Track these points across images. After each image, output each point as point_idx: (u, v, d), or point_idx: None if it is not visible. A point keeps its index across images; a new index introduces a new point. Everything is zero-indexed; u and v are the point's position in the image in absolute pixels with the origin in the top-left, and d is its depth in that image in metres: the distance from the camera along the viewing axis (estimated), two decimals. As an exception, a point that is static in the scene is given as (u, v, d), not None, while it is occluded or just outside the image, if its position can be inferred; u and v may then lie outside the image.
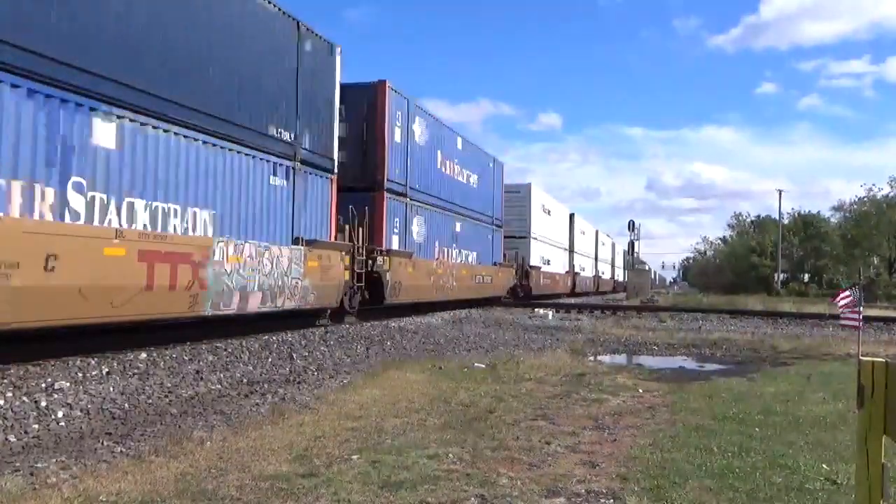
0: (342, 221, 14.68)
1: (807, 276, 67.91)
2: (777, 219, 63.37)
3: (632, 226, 49.21)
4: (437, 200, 20.63)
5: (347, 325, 15.12)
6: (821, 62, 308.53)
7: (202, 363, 9.14)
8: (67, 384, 7.11)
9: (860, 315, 11.24)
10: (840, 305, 11.87)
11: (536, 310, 24.59)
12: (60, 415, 6.20)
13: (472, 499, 4.20)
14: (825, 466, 5.07)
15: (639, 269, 49.24)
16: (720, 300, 38.13)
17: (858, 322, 11.23)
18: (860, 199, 61.72)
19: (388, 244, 16.93)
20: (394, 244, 17.30)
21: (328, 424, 6.08)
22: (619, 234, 76.93)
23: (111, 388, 7.24)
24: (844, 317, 11.75)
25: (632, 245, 49.40)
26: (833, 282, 60.49)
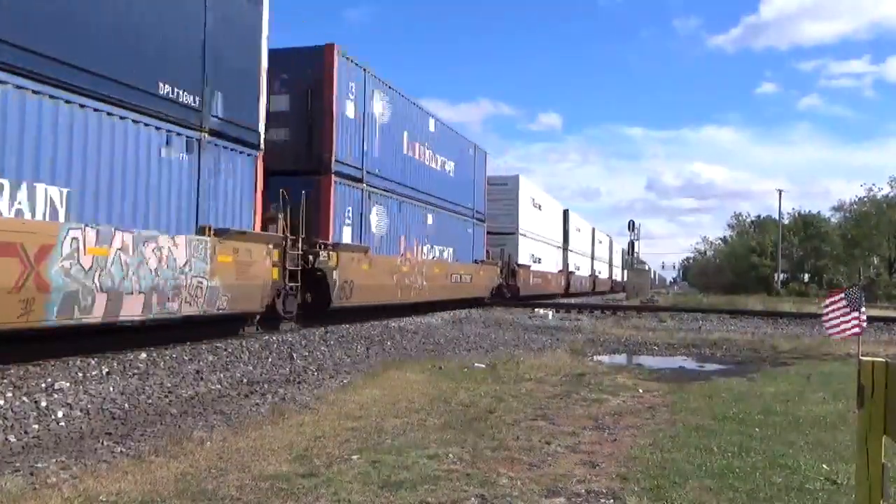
0: (277, 209, 12.51)
1: (807, 276, 67.94)
2: (777, 219, 63.40)
3: (632, 226, 49.30)
4: (404, 188, 18.27)
5: (347, 326, 14.92)
6: (821, 62, 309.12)
7: (202, 363, 9.15)
8: (67, 384, 7.11)
9: (861, 318, 10.15)
10: (826, 309, 10.52)
11: (536, 310, 24.59)
12: (60, 415, 6.20)
13: (472, 499, 4.20)
14: (825, 466, 5.07)
15: (638, 269, 49.26)
16: (720, 300, 38.18)
17: (859, 328, 10.15)
18: (860, 199, 61.85)
19: (338, 237, 14.63)
20: (345, 237, 14.98)
21: (328, 424, 6.08)
22: (619, 234, 76.96)
23: (111, 388, 7.24)
24: (831, 323, 10.39)
25: (632, 245, 49.44)
26: (833, 282, 60.50)
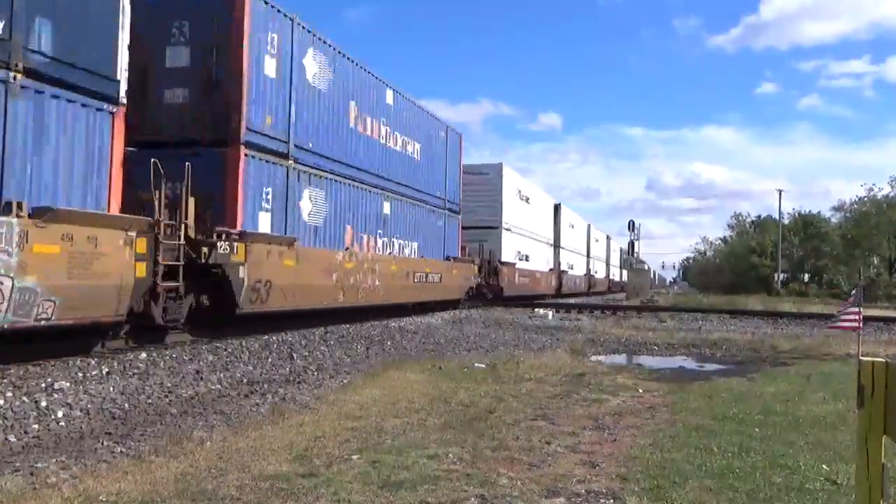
0: (167, 189, 9.56)
1: (807, 277, 67.98)
2: (777, 219, 63.41)
3: (632, 226, 49.41)
4: (350, 170, 15.21)
5: (347, 326, 14.85)
6: (821, 62, 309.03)
7: (202, 363, 9.15)
8: (67, 384, 7.11)
9: (860, 316, 11.15)
10: (841, 312, 11.82)
11: (536, 310, 24.61)
12: (60, 415, 6.20)
13: (472, 499, 4.20)
14: (825, 466, 5.07)
15: (638, 269, 49.28)
16: (720, 300, 38.18)
17: (858, 324, 11.12)
18: (860, 199, 61.86)
19: (250, 224, 11.65)
20: (262, 225, 12.03)
21: (328, 424, 6.08)
22: (620, 235, 76.81)
23: (111, 388, 7.24)
24: (839, 321, 11.67)
25: (632, 245, 49.51)
26: (833, 282, 60.53)
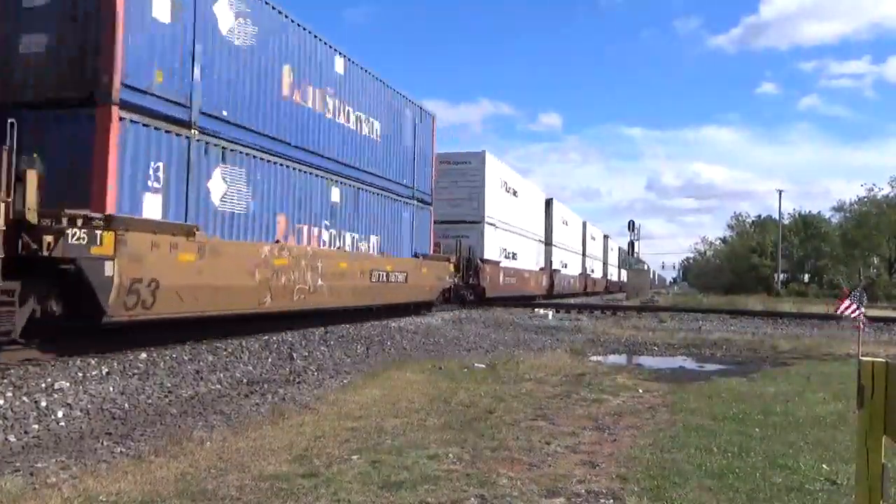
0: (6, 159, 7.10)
1: (807, 277, 68.00)
2: (777, 219, 63.41)
3: (632, 226, 49.47)
4: (285, 147, 12.48)
5: (347, 326, 14.81)
6: (821, 62, 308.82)
7: (202, 363, 9.14)
8: (67, 384, 7.10)
9: (862, 314, 11.56)
10: (841, 311, 12.52)
11: (536, 310, 24.63)
12: (60, 415, 6.20)
13: (472, 499, 4.20)
14: (825, 466, 5.07)
15: (638, 269, 49.30)
16: (720, 300, 38.20)
17: (861, 319, 11.62)
18: (860, 199, 61.87)
19: (131, 208, 9.06)
20: (148, 209, 9.36)
21: (328, 424, 6.08)
22: (620, 235, 76.79)
23: (111, 388, 7.24)
24: (849, 316, 12.52)
25: (631, 245, 49.54)
26: (833, 282, 60.54)
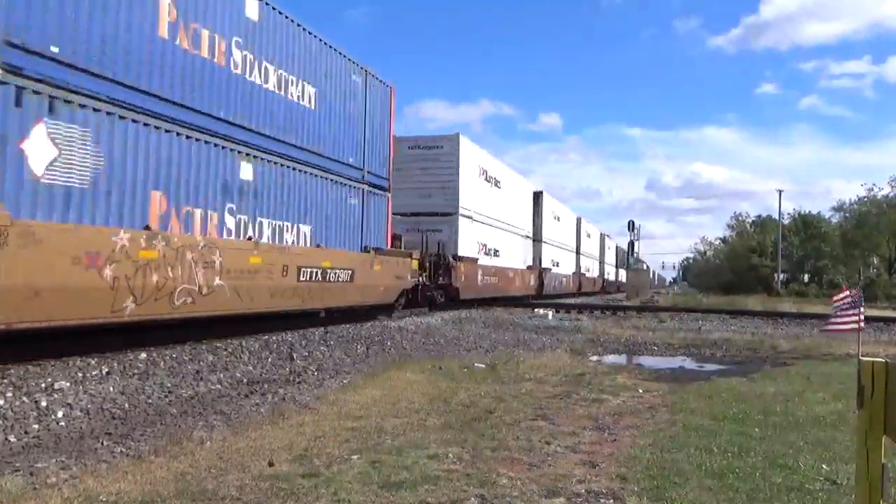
0: None
1: (807, 277, 68.01)
2: (777, 219, 63.40)
3: (632, 226, 49.42)
4: (163, 105, 9.46)
5: (347, 326, 14.84)
6: (821, 62, 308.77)
7: (202, 363, 9.14)
8: (67, 384, 7.10)
9: (860, 317, 11.20)
10: (835, 302, 11.83)
11: (536, 310, 24.63)
12: (60, 415, 6.20)
13: (472, 499, 4.20)
14: (825, 466, 5.07)
15: (637, 269, 49.29)
16: (720, 300, 38.17)
17: (858, 325, 11.19)
18: (860, 199, 61.87)
19: None
20: None
21: (328, 424, 6.08)
22: (620, 235, 76.78)
23: (111, 388, 7.23)
24: (836, 320, 11.56)
25: (631, 245, 49.54)
26: (833, 282, 60.55)
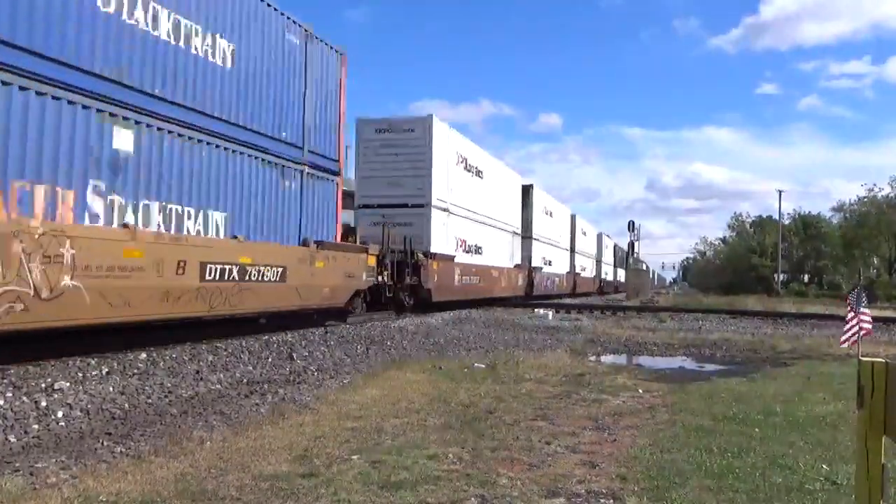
0: None
1: (807, 277, 68.03)
2: (777, 219, 63.41)
3: (632, 226, 49.39)
4: None
5: (347, 326, 14.96)
6: (821, 63, 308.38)
7: (202, 363, 9.14)
8: (67, 384, 7.10)
9: (866, 319, 11.14)
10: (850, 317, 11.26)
11: (536, 310, 24.63)
12: (60, 415, 6.20)
13: (472, 499, 4.20)
14: (825, 467, 5.07)
15: (637, 269, 49.27)
16: (720, 301, 38.16)
17: (869, 326, 11.21)
18: (860, 200, 61.91)
19: None
20: None
21: (328, 424, 6.08)
22: (620, 235, 76.66)
23: (111, 388, 7.23)
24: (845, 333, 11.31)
25: (631, 245, 49.51)
26: (833, 282, 60.57)
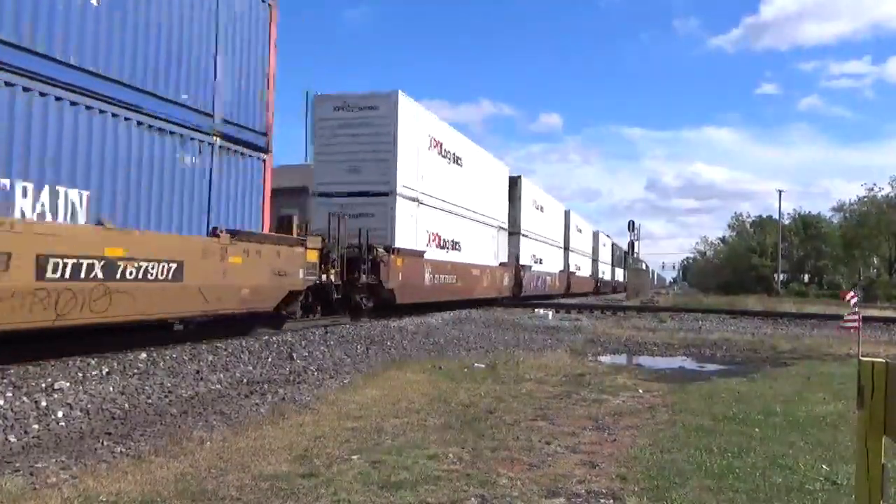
0: None
1: (807, 277, 68.03)
2: (777, 219, 63.42)
3: (632, 226, 49.42)
4: None
5: (347, 326, 15.00)
6: (821, 63, 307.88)
7: (202, 363, 9.14)
8: (67, 384, 7.10)
9: (858, 317, 11.56)
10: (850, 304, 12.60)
11: (536, 310, 24.62)
12: (60, 415, 6.20)
13: (472, 499, 4.20)
14: (825, 467, 5.07)
15: (637, 269, 49.27)
16: (720, 300, 38.14)
17: (856, 324, 11.48)
18: (860, 200, 61.95)
19: None
20: None
21: (328, 424, 6.08)
22: (620, 235, 76.67)
23: (111, 388, 7.23)
24: (847, 321, 12.19)
25: (631, 245, 49.55)
26: (833, 282, 60.57)
